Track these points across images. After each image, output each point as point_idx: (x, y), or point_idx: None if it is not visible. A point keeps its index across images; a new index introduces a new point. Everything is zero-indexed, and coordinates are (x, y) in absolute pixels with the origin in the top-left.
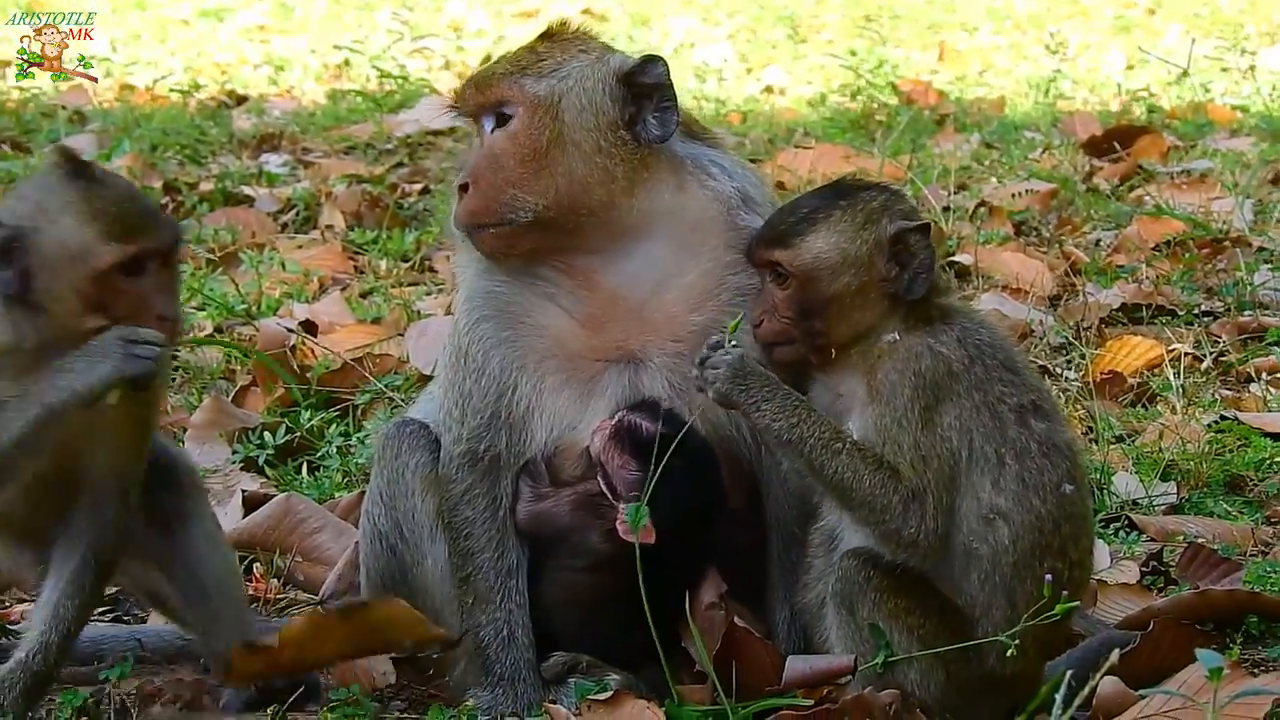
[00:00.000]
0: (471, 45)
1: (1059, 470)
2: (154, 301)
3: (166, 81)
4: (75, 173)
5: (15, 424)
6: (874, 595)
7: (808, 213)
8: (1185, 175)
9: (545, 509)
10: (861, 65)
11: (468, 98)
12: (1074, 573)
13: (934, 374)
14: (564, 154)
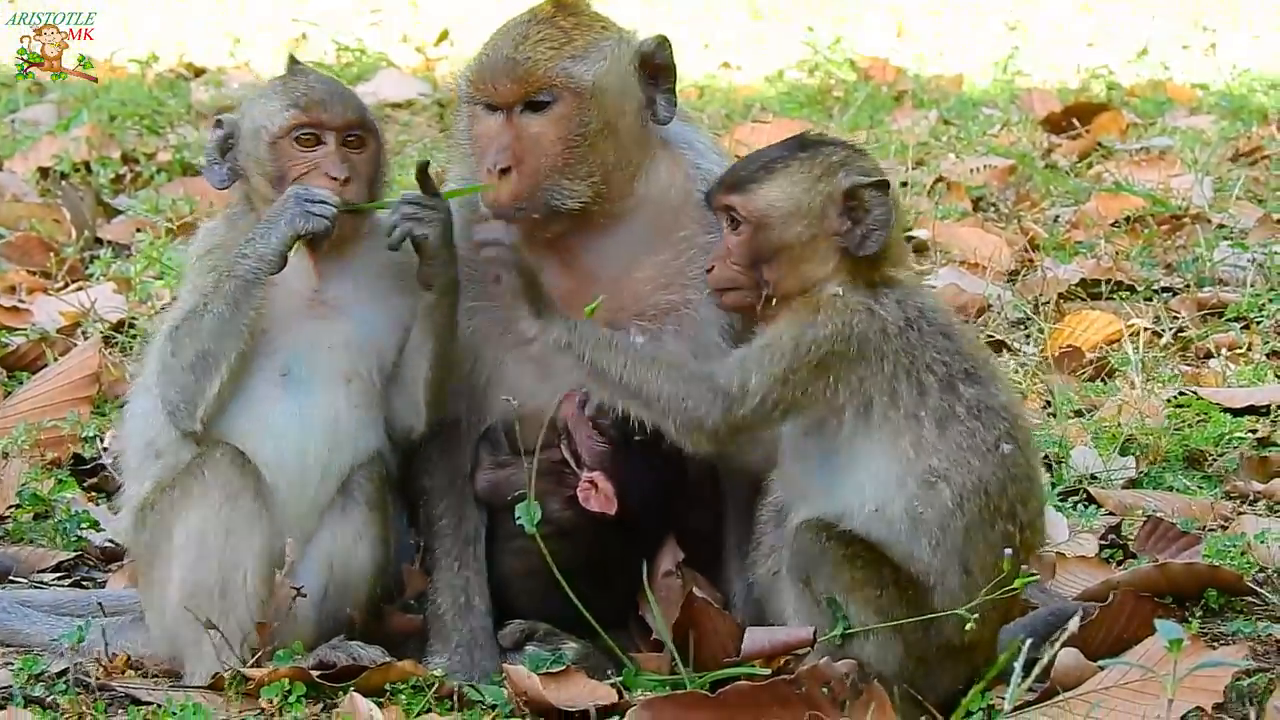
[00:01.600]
0: (429, 17)
1: (994, 431)
2: (325, 165)
3: (125, 53)
4: (286, 69)
5: (213, 305)
6: (829, 568)
7: (767, 161)
8: (1144, 152)
9: (505, 477)
10: (819, 41)
11: (504, 90)
12: (1025, 535)
13: (864, 331)
14: (604, 140)
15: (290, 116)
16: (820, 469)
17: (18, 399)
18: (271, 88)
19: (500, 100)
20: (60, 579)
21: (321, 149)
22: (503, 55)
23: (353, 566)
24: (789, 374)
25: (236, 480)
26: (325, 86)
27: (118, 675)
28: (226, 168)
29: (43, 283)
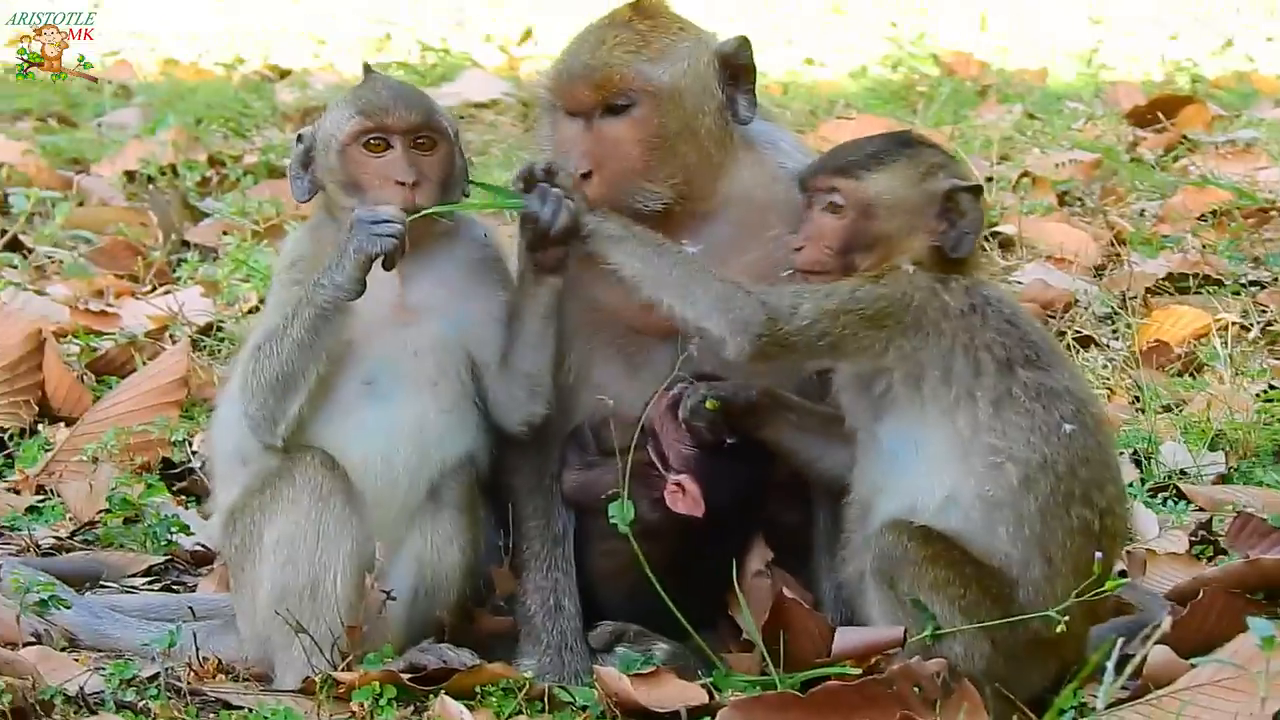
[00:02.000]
0: (513, 17)
1: (1057, 413)
2: (393, 170)
3: (210, 56)
4: (365, 75)
5: (293, 329)
6: (912, 568)
7: (873, 151)
8: (1230, 145)
9: (593, 478)
10: (902, 36)
11: (583, 95)
12: (1105, 520)
13: (922, 303)
14: (683, 142)
15: (356, 123)
16: (891, 457)
17: (107, 404)
18: (344, 97)
19: (579, 106)
20: (150, 583)
21: (390, 154)
22: (580, 61)
23: (443, 568)
24: (840, 312)
25: (327, 483)
26: (391, 91)
27: (209, 680)
28: (308, 180)
29: (130, 286)
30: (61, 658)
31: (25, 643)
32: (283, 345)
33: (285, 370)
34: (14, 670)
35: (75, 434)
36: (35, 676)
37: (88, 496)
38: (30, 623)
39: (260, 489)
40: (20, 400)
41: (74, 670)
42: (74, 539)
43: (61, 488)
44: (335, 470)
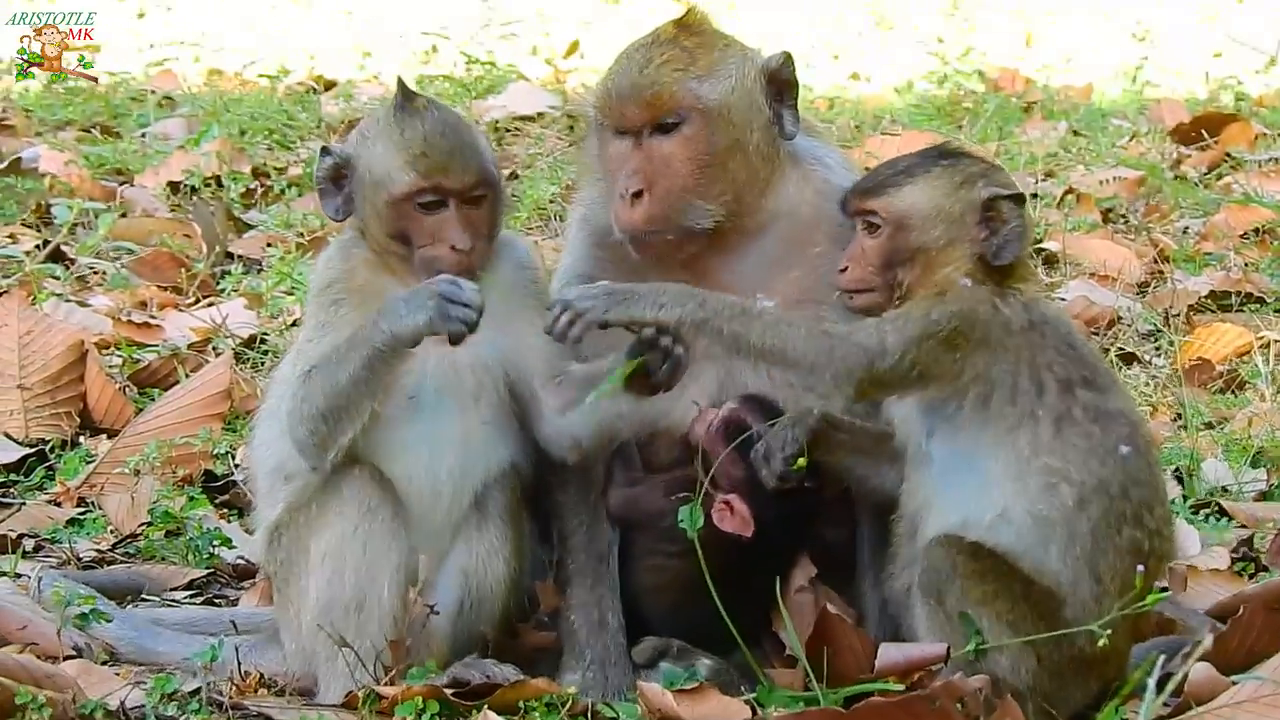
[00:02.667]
0: (558, 30)
1: (1113, 435)
2: (449, 233)
3: (255, 67)
4: (400, 103)
5: (348, 363)
6: (960, 583)
7: (907, 167)
8: (1274, 163)
9: (638, 494)
10: (948, 52)
11: (631, 114)
12: (1154, 542)
13: (987, 319)
14: (733, 159)
15: (411, 182)
16: (943, 473)
17: (149, 416)
18: (387, 132)
19: (628, 125)
20: (192, 597)
21: (443, 213)
22: (629, 80)
23: (488, 582)
24: (922, 339)
25: (374, 496)
26: (445, 143)
27: (250, 694)
28: (341, 199)
29: (174, 298)
30: (102, 671)
31: (66, 656)
32: (338, 378)
33: (339, 403)
34: (55, 684)
35: (117, 446)
36: (76, 690)
37: (129, 509)
38: (71, 636)
39: (307, 504)
40: (62, 412)
41: (115, 684)
42: (115, 552)
43: (103, 500)
44: (382, 483)
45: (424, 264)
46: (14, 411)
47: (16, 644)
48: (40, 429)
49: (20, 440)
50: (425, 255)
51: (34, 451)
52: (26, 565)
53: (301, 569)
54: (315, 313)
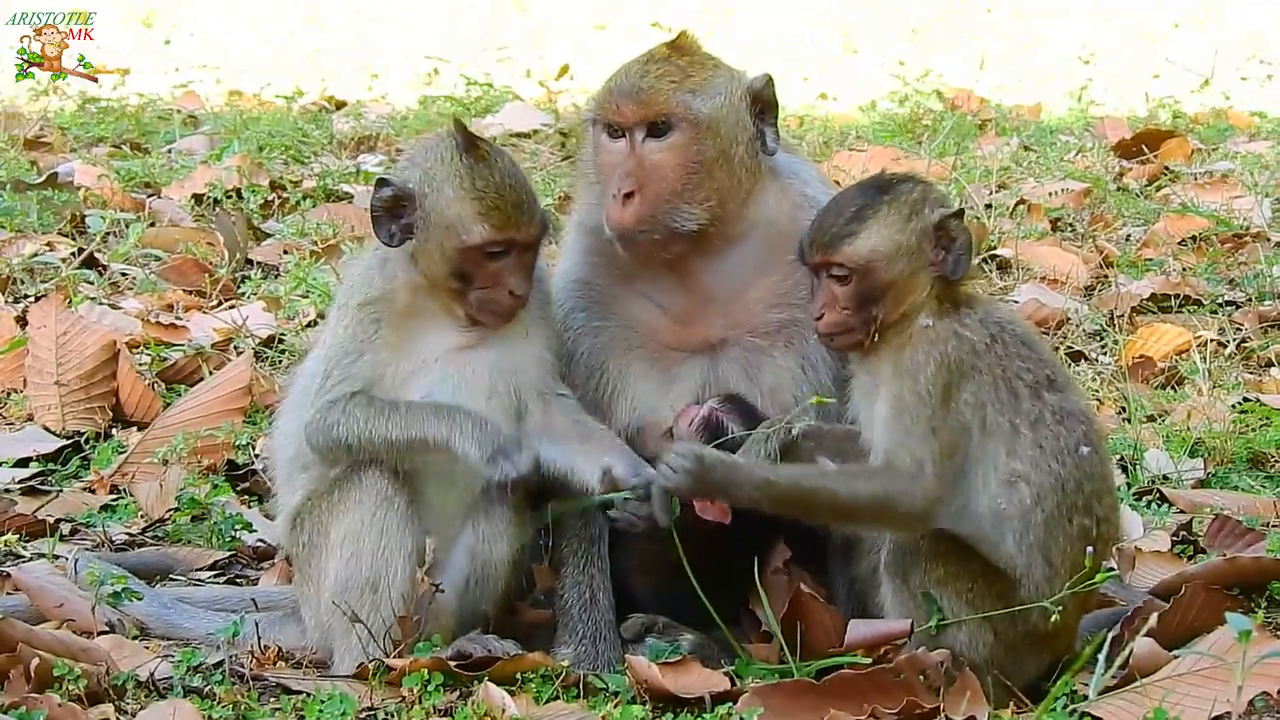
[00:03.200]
0: (551, 54)
1: (1075, 434)
2: (509, 280)
3: (272, 88)
4: (466, 147)
5: (391, 430)
6: (924, 564)
7: (856, 211)
8: (1208, 176)
9: None
10: (909, 74)
11: (625, 109)
12: (1101, 528)
13: (958, 355)
14: (719, 168)
15: (486, 234)
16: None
17: (176, 410)
18: (456, 179)
19: (624, 122)
20: (216, 577)
21: (506, 261)
22: (629, 82)
23: (492, 561)
24: (933, 422)
25: (391, 487)
26: (515, 195)
27: (269, 666)
28: (397, 227)
29: (198, 301)
30: (133, 646)
31: (100, 632)
32: (373, 429)
33: (369, 448)
34: (89, 657)
35: (147, 438)
36: (109, 663)
37: (158, 496)
38: (104, 613)
39: (329, 491)
40: (96, 406)
41: (145, 657)
42: (145, 535)
43: (134, 488)
44: (398, 474)
45: (480, 303)
46: (51, 406)
47: (54, 620)
48: (76, 422)
49: (57, 432)
50: (483, 297)
51: (70, 443)
52: (64, 548)
53: (322, 551)
54: (352, 325)
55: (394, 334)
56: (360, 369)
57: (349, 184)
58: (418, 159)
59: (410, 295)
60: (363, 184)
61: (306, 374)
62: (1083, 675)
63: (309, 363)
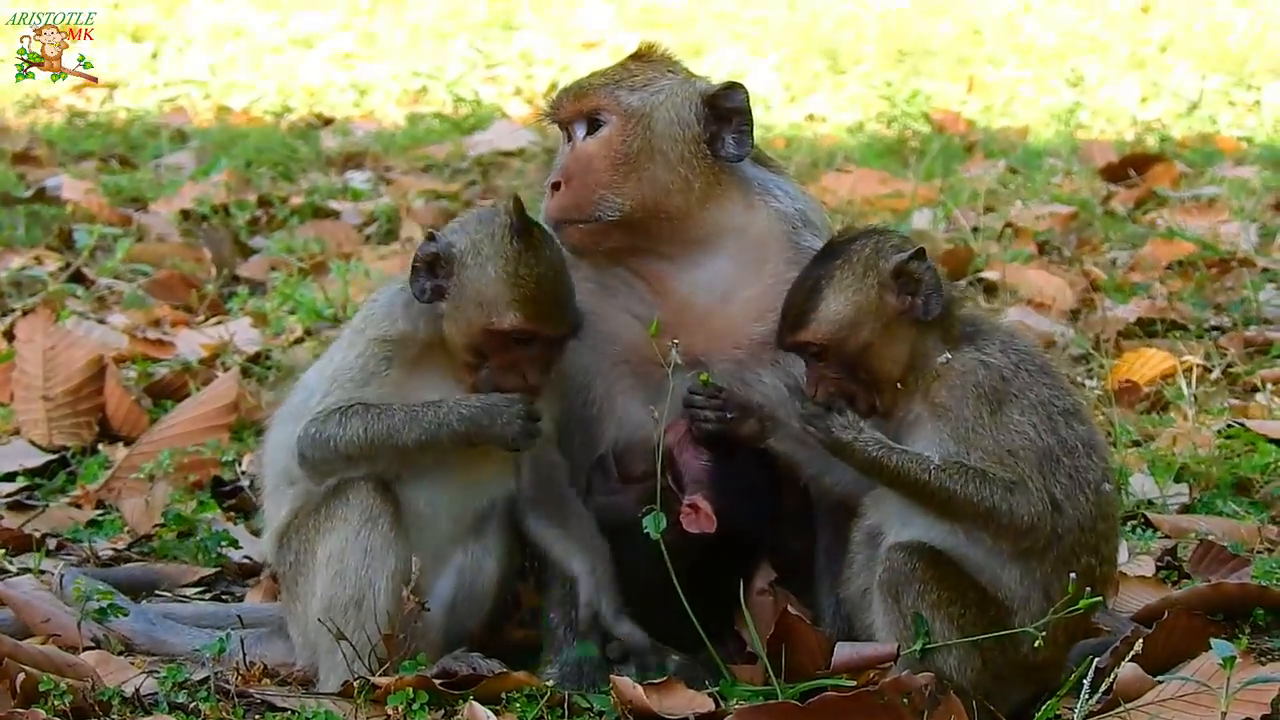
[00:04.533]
0: (540, 73)
1: (1099, 469)
2: (527, 371)
3: (260, 104)
4: (520, 230)
5: (405, 433)
6: (918, 586)
7: (812, 285)
8: (1195, 200)
9: (615, 503)
10: (896, 95)
11: (564, 105)
12: (1104, 569)
13: (990, 383)
14: (650, 161)
15: (516, 321)
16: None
17: (163, 426)
18: (501, 260)
19: (561, 116)
20: (201, 593)
21: (527, 350)
22: (570, 82)
23: (480, 581)
24: (1003, 445)
25: (377, 506)
26: (555, 291)
27: (255, 683)
28: (431, 285)
29: (185, 317)
30: (119, 661)
31: (85, 647)
32: (382, 432)
33: (369, 453)
34: (75, 673)
35: (133, 453)
36: (94, 678)
37: (144, 511)
38: (90, 629)
39: (315, 509)
40: (83, 421)
41: (130, 673)
42: (131, 551)
43: (120, 503)
44: (385, 494)
45: (488, 382)
46: (38, 420)
47: (40, 635)
48: (62, 437)
49: (44, 447)
50: (495, 377)
51: (56, 457)
52: (49, 563)
53: (308, 569)
54: (363, 354)
55: (401, 375)
56: (364, 394)
57: (336, 200)
58: (469, 226)
59: (425, 347)
60: (350, 201)
61: (304, 386)
62: (1068, 701)
63: (309, 375)
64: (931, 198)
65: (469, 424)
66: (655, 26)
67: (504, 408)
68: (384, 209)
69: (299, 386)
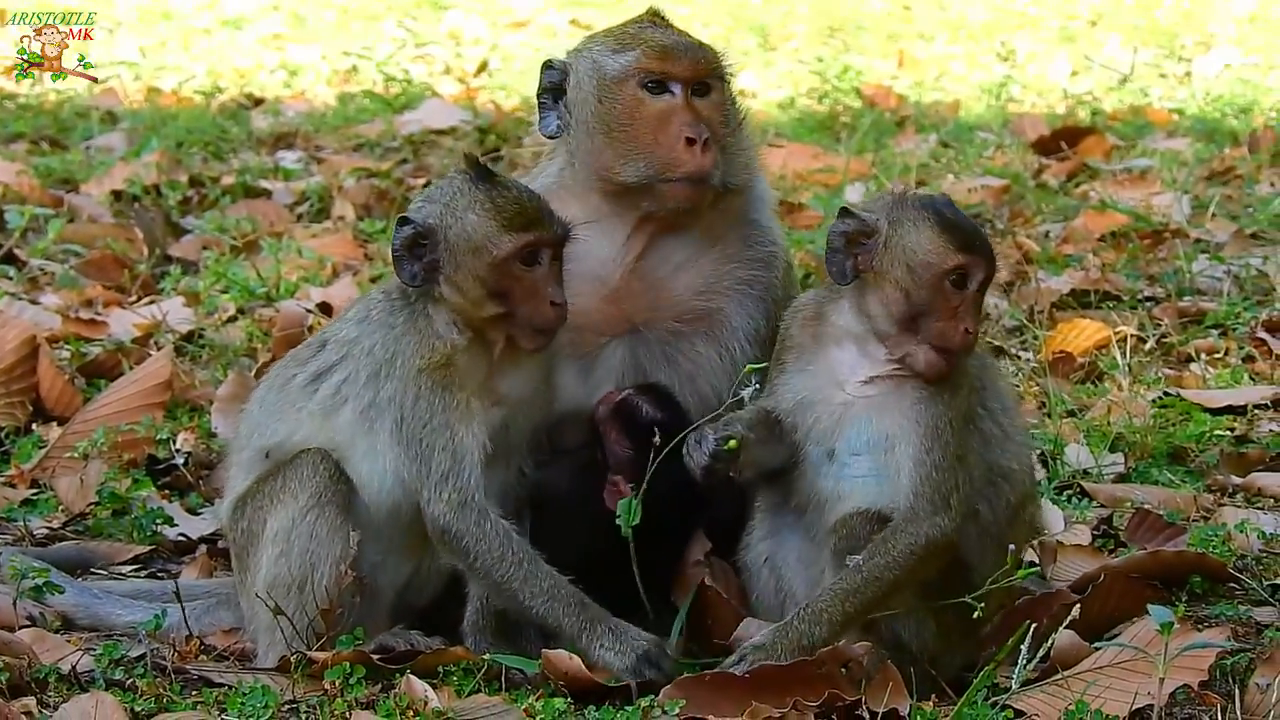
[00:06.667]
0: (469, 52)
1: (1021, 417)
2: (548, 290)
3: (190, 85)
4: (480, 176)
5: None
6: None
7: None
8: (1127, 173)
9: (546, 477)
10: (827, 71)
11: (685, 67)
12: (1038, 515)
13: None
14: (739, 128)
15: (515, 240)
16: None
17: (97, 405)
18: (476, 203)
19: (681, 75)
20: (136, 571)
21: (539, 269)
22: (681, 40)
23: (435, 565)
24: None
25: (328, 490)
26: (536, 202)
27: (192, 659)
28: (420, 266)
29: (118, 297)
30: (55, 639)
31: (21, 625)
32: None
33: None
34: (11, 650)
35: (67, 433)
36: (31, 656)
37: (79, 490)
38: (25, 607)
39: (271, 475)
40: (16, 401)
41: (66, 650)
42: (66, 530)
43: (54, 482)
44: (338, 477)
45: (524, 321)
46: None
47: None
48: None
49: None
50: (526, 313)
51: None
52: None
53: (258, 540)
54: (425, 395)
55: (462, 397)
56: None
57: (268, 180)
58: (435, 196)
59: (462, 357)
60: (282, 180)
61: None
62: (1005, 668)
63: (335, 374)
64: (864, 172)
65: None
66: (586, 5)
67: (622, 639)
68: (315, 188)
69: (302, 369)
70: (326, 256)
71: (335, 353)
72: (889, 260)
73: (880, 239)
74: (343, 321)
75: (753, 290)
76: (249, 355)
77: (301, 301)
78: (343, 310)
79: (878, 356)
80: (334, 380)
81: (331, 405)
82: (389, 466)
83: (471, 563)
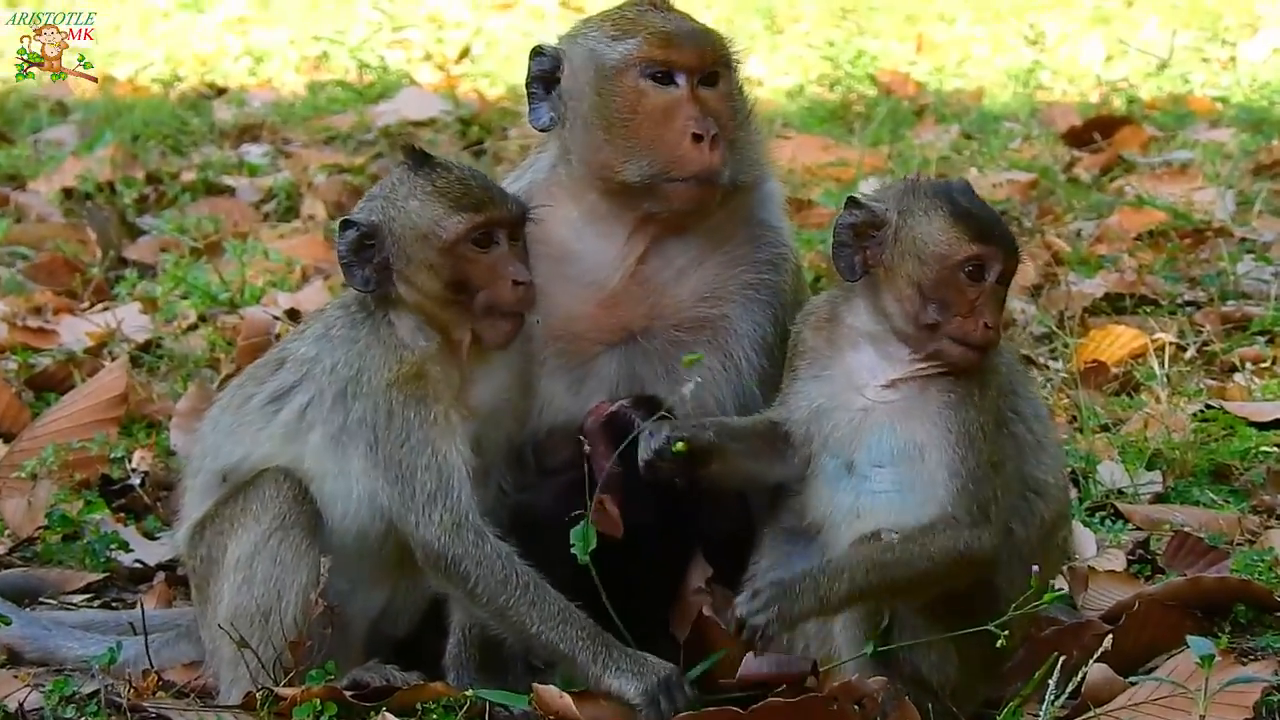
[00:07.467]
0: (451, 36)
1: (1055, 432)
2: (508, 269)
3: (147, 73)
4: (418, 163)
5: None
6: None
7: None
8: (1166, 166)
9: (530, 501)
10: (839, 56)
11: (690, 56)
12: (1070, 540)
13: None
14: (748, 120)
15: (463, 221)
16: (880, 490)
17: (46, 420)
18: (418, 189)
19: (686, 65)
20: (89, 600)
21: (496, 249)
22: (685, 25)
23: (413, 596)
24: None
25: (291, 513)
26: (480, 181)
27: (149, 696)
28: (371, 269)
29: (69, 303)
30: (1, 674)
31: None
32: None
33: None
34: None
35: (14, 450)
36: None
37: (26, 513)
38: None
39: (231, 498)
40: None
41: (14, 687)
42: (12, 556)
43: (0, 504)
44: (302, 499)
45: (487, 308)
46: None
47: None
48: None
49: None
50: (487, 298)
51: None
52: None
53: (219, 568)
54: (398, 411)
55: (439, 409)
56: (448, 463)
57: (231, 176)
58: (375, 194)
59: (434, 365)
60: (246, 176)
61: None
62: (1032, 705)
63: (298, 396)
64: (879, 166)
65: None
66: None
67: (641, 667)
68: (283, 184)
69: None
70: (295, 259)
71: (294, 372)
72: (900, 253)
73: (890, 230)
74: (300, 339)
75: (760, 295)
76: (211, 366)
77: (268, 308)
78: (300, 325)
79: (899, 357)
80: (297, 403)
81: (297, 430)
82: (361, 489)
83: (472, 589)
